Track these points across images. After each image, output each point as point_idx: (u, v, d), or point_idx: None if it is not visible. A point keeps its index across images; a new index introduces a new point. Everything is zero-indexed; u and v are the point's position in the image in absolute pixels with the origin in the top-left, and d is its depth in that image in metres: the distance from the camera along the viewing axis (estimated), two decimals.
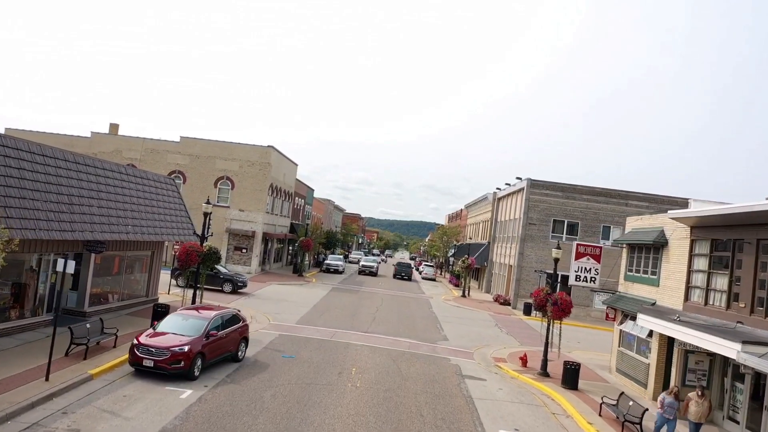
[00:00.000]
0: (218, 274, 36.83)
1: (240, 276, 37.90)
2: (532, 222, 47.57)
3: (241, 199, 49.95)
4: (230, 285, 36.82)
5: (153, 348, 16.89)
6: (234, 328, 19.94)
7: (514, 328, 36.92)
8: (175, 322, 18.48)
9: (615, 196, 47.58)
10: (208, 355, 17.95)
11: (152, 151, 50.83)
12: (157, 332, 17.88)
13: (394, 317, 34.96)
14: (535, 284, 46.97)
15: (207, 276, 36.29)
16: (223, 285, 36.75)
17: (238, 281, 37.12)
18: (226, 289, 36.64)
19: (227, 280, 36.93)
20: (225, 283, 36.84)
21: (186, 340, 17.28)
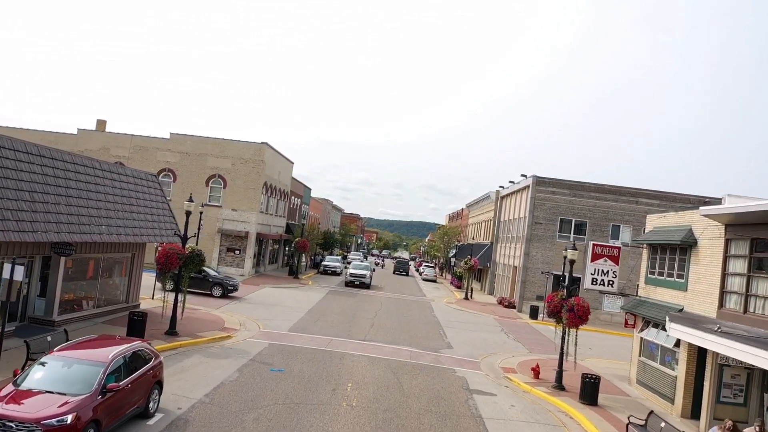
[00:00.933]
0: (207, 277, 34.76)
1: (231, 279, 35.80)
2: (538, 221, 45.47)
3: (234, 198, 47.83)
4: (220, 289, 34.72)
5: (10, 421, 10.39)
6: (143, 372, 13.39)
7: (522, 334, 34.82)
8: (52, 371, 11.84)
9: (625, 193, 45.49)
10: (106, 420, 11.72)
11: (141, 149, 48.71)
12: (20, 390, 11.28)
13: (394, 322, 32.86)
14: (542, 286, 44.90)
15: (195, 279, 34.29)
16: (213, 289, 34.66)
17: (229, 284, 35.02)
18: (215, 293, 34.54)
19: (217, 283, 34.83)
20: (214, 286, 34.73)
21: (68, 403, 10.97)
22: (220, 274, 36.38)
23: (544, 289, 44.40)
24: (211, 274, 35.31)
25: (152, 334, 22.15)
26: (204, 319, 26.78)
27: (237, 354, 21.27)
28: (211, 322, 26.47)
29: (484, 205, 68.12)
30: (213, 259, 47.48)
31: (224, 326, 25.98)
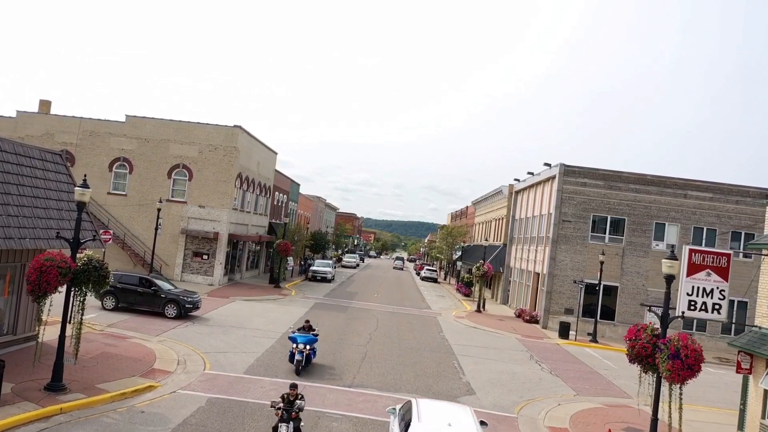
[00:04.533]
0: (158, 292, 27.02)
1: (189, 295, 27.88)
2: (567, 219, 37.74)
3: (202, 192, 40.05)
4: (175, 307, 26.91)
5: None
6: None
7: (558, 363, 27.11)
8: None
9: (670, 185, 37.78)
10: None
11: (91, 134, 40.91)
12: None
13: (393, 351, 25.12)
14: (572, 297, 37.20)
15: (144, 295, 26.72)
16: (166, 307, 26.89)
17: (186, 302, 27.21)
18: (169, 313, 26.77)
19: (171, 300, 27.02)
20: (168, 304, 26.94)
21: None
22: (176, 288, 28.56)
23: (576, 301, 36.68)
24: (164, 288, 27.57)
25: (23, 389, 14.43)
26: (126, 356, 19.00)
27: (150, 424, 13.53)
28: (134, 360, 18.70)
29: (495, 201, 60.39)
30: (176, 265, 39.67)
31: (152, 367, 18.25)
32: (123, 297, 26.93)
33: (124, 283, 27.00)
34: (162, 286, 27.65)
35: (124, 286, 26.96)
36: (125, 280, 27.18)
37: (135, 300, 27.00)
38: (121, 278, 27.08)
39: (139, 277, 27.85)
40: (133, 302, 26.96)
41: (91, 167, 40.63)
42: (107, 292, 26.35)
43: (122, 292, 26.92)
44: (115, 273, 27.44)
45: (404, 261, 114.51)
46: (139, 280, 27.44)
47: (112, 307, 26.86)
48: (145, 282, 27.40)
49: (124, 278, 27.24)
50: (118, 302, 26.90)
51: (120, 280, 26.93)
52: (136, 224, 40.11)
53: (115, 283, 26.52)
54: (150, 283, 27.40)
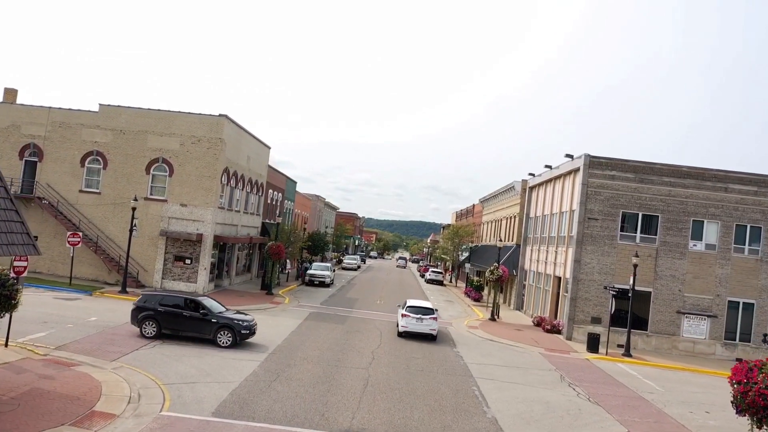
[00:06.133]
0: (208, 317, 22.48)
1: (244, 319, 23.17)
2: (593, 216, 33.57)
3: (184, 189, 35.93)
4: (229, 334, 22.39)
5: None
6: None
7: (594, 385, 22.97)
8: None
9: (709, 177, 33.60)
10: None
11: (62, 125, 36.82)
12: None
13: (401, 375, 20.98)
14: (599, 305, 33.05)
15: (191, 320, 22.19)
16: (218, 334, 22.41)
17: (242, 327, 22.62)
18: (222, 341, 22.35)
19: (224, 326, 22.44)
20: (220, 330, 22.41)
21: None
22: (226, 310, 23.76)
23: (604, 309, 32.54)
24: (214, 311, 22.92)
25: None
26: (61, 394, 14.88)
27: None
28: (70, 400, 14.58)
29: (506, 198, 56.22)
30: (155, 271, 35.56)
31: (92, 409, 14.16)
32: (165, 322, 22.37)
33: (166, 306, 22.53)
34: (212, 308, 23.03)
35: (167, 309, 22.45)
36: (168, 302, 22.68)
37: (180, 326, 22.49)
38: (162, 300, 22.76)
39: (184, 298, 23.16)
40: (177, 328, 22.50)
41: (61, 162, 36.60)
42: (147, 317, 22.24)
43: (164, 316, 22.36)
44: (155, 293, 23.42)
45: (407, 261, 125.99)
46: (184, 301, 22.87)
47: (152, 334, 22.29)
48: (192, 304, 22.81)
49: (166, 300, 22.81)
50: (160, 328, 22.33)
51: (162, 302, 22.60)
52: (111, 225, 36.01)
53: (154, 305, 22.46)
54: (197, 305, 22.75)
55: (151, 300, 22.85)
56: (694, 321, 33.13)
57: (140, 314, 22.50)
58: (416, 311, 28.87)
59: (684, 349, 32.95)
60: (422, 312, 28.85)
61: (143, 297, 23.22)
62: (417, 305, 29.50)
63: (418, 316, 28.55)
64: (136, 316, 22.63)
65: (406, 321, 28.64)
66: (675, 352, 32.83)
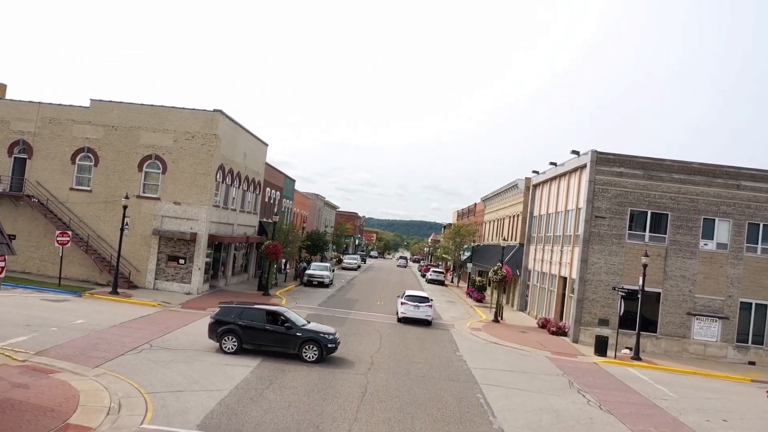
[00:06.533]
0: (292, 330, 21.16)
1: (329, 333, 21.88)
2: (600, 214, 32.45)
3: (177, 187, 34.84)
4: (315, 348, 21.08)
5: None
6: None
7: (604, 391, 21.86)
8: None
9: (720, 174, 32.47)
10: None
11: (52, 121, 35.75)
12: None
13: (401, 382, 19.86)
14: (607, 306, 31.93)
15: (274, 334, 20.91)
16: (303, 349, 21.03)
17: (328, 341, 21.35)
18: (308, 355, 21.00)
19: (309, 339, 21.12)
20: (306, 345, 21.06)
21: None
22: (308, 322, 22.43)
23: (612, 310, 31.44)
24: (298, 324, 21.60)
25: None
26: (34, 405, 13.79)
27: None
28: (43, 412, 13.49)
29: (509, 196, 55.10)
30: (148, 271, 34.48)
31: (67, 422, 13.09)
32: (247, 336, 21.05)
33: (247, 319, 21.22)
34: (296, 321, 21.78)
35: (248, 322, 21.13)
36: (248, 315, 21.32)
37: (262, 340, 21.19)
38: (242, 313, 21.37)
39: (265, 310, 21.81)
40: (260, 343, 21.20)
41: (51, 159, 35.54)
42: (227, 332, 20.95)
43: (245, 330, 21.03)
44: (233, 306, 21.93)
45: (407, 260, 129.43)
46: (266, 314, 21.54)
47: (233, 349, 20.86)
48: (274, 316, 21.51)
49: (246, 313, 21.43)
50: (241, 343, 20.97)
51: (242, 315, 21.24)
52: (103, 224, 34.92)
53: (234, 318, 21.13)
54: (280, 317, 21.44)
55: (230, 313, 21.29)
56: (705, 323, 32.00)
57: (219, 328, 20.96)
58: (413, 299, 32.88)
59: (694, 351, 31.83)
60: (419, 300, 32.90)
61: (221, 310, 21.58)
62: (414, 294, 33.67)
63: (415, 304, 32.54)
64: (214, 331, 21.07)
65: (404, 308, 32.65)
66: (685, 355, 31.71)
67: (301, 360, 20.84)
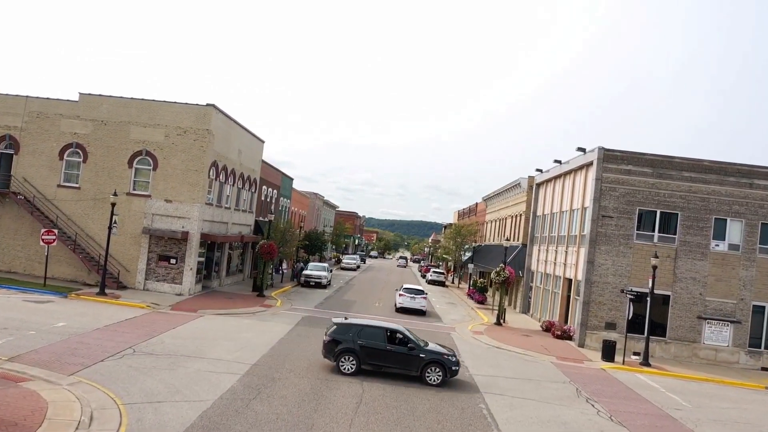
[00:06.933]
0: (415, 351, 19.80)
1: (451, 354, 20.49)
2: (607, 214, 31.23)
3: (168, 184, 33.63)
4: (439, 371, 19.72)
5: None
6: None
7: (614, 400, 20.65)
8: None
9: (733, 172, 31.25)
10: None
11: (39, 116, 34.55)
12: None
13: (399, 390, 18.63)
14: (614, 309, 30.72)
15: (396, 355, 19.59)
16: (426, 371, 19.67)
17: (452, 363, 19.99)
18: (431, 378, 19.63)
19: (433, 361, 19.76)
20: (429, 367, 19.69)
21: None
22: (427, 343, 20.92)
23: (620, 314, 30.24)
24: (420, 344, 20.27)
25: None
26: None
27: None
28: (5, 425, 12.28)
29: (511, 196, 53.87)
30: (138, 271, 33.27)
31: None
32: (366, 357, 19.75)
33: (366, 338, 19.92)
34: (417, 340, 20.46)
35: (368, 342, 19.83)
36: (368, 335, 20.00)
37: (383, 361, 19.88)
38: (361, 332, 20.03)
39: (385, 328, 20.47)
40: (380, 364, 19.91)
41: (38, 155, 34.35)
42: (345, 351, 19.60)
43: (365, 350, 19.72)
44: (350, 323, 20.50)
45: (407, 260, 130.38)
46: (386, 333, 20.22)
47: (352, 370, 19.54)
48: (395, 336, 20.23)
49: (366, 332, 20.10)
50: (360, 363, 19.67)
51: (361, 335, 19.93)
52: (92, 222, 33.72)
53: (353, 337, 19.83)
54: (401, 337, 20.15)
55: (347, 331, 19.95)
56: (716, 327, 30.78)
57: (337, 348, 19.65)
58: (410, 292, 37.52)
59: (705, 357, 30.60)
60: (414, 293, 37.52)
61: (338, 328, 20.19)
62: (410, 288, 38.38)
63: (411, 296, 37.13)
64: (331, 350, 19.73)
65: (402, 299, 37.16)
66: (695, 361, 30.49)
67: (423, 383, 19.50)
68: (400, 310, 36.96)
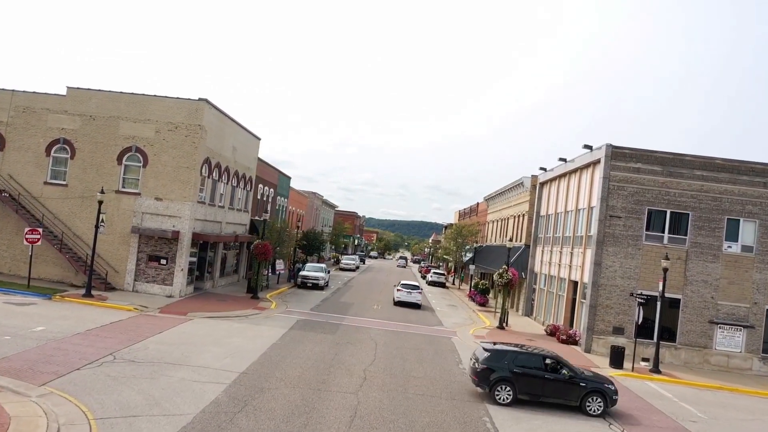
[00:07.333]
0: (575, 380, 18.75)
1: (609, 381, 19.58)
2: (615, 214, 29.98)
3: (159, 181, 32.38)
4: (600, 401, 18.62)
5: None
6: None
7: (625, 410, 19.37)
8: None
9: (746, 171, 30.00)
10: None
11: (26, 110, 33.30)
12: None
13: (397, 402, 17.38)
14: (622, 313, 29.46)
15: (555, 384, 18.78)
16: (586, 401, 18.63)
17: (613, 392, 18.85)
18: (592, 408, 18.55)
19: (594, 391, 18.68)
20: (590, 396, 18.64)
21: None
22: (584, 371, 19.95)
23: (629, 318, 29.00)
24: (579, 373, 19.25)
25: None
26: None
27: None
28: None
29: (514, 195, 52.62)
30: (127, 272, 32.03)
31: None
32: (523, 386, 18.56)
33: (523, 366, 18.80)
34: (575, 368, 19.49)
35: (524, 369, 18.71)
36: (524, 362, 18.93)
37: (541, 390, 18.72)
38: (517, 359, 18.93)
39: (542, 355, 19.36)
40: (538, 393, 18.73)
41: (25, 151, 33.11)
42: (501, 380, 18.36)
43: (522, 378, 18.59)
44: (503, 349, 19.28)
45: (407, 260, 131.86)
46: (542, 360, 19.12)
47: (508, 400, 18.34)
48: (552, 363, 19.08)
49: (521, 359, 19.01)
50: (516, 393, 18.47)
51: (517, 362, 18.82)
52: (79, 221, 32.48)
53: (509, 364, 18.64)
54: (559, 364, 19.05)
55: (502, 358, 18.82)
56: (728, 332, 29.53)
57: (492, 376, 18.45)
58: (407, 287, 41.90)
59: (717, 363, 29.35)
60: (411, 288, 41.94)
61: (492, 354, 18.98)
62: (407, 283, 42.98)
63: (408, 291, 41.38)
64: (486, 378, 18.53)
65: (399, 294, 41.31)
66: (707, 367, 29.23)
67: (583, 413, 18.38)
68: (398, 304, 41.04)
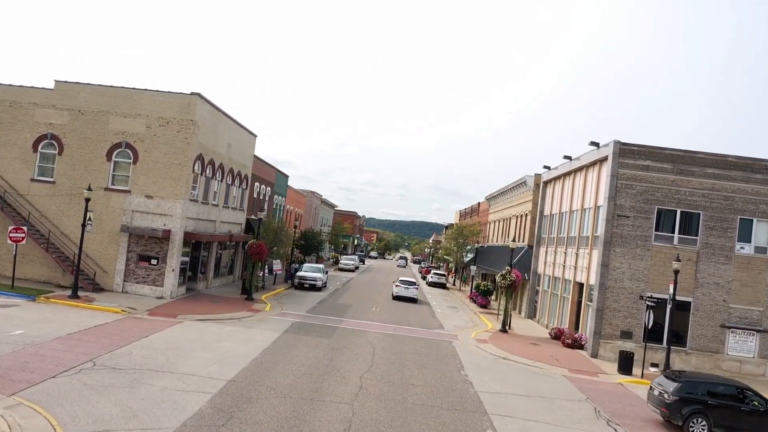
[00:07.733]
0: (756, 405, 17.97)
1: None
2: (623, 213, 28.83)
3: (150, 178, 31.24)
4: None
5: None
6: None
7: (637, 423, 18.29)
8: None
9: (760, 169, 28.87)
10: None
11: (12, 105, 32.19)
12: None
13: (395, 413, 16.23)
14: (630, 317, 28.32)
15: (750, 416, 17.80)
16: None
17: None
18: None
19: None
20: None
21: None
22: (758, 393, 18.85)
23: (637, 321, 27.88)
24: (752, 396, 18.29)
25: None
26: None
27: None
28: None
29: (516, 195, 51.47)
30: (116, 272, 30.90)
31: None
32: (718, 418, 17.57)
33: (716, 397, 17.80)
34: None
35: (718, 401, 17.71)
36: (717, 391, 17.95)
37: (737, 422, 17.73)
38: (710, 388, 17.95)
39: (735, 386, 18.40)
40: (734, 426, 17.72)
41: (11, 146, 32.00)
42: (696, 413, 17.34)
43: (717, 411, 17.58)
44: (696, 380, 18.33)
45: (407, 260, 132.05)
46: (736, 391, 18.15)
47: None
48: (745, 394, 18.07)
49: (714, 389, 18.00)
50: (711, 426, 17.51)
51: (710, 391, 17.84)
52: (67, 219, 31.35)
53: (701, 395, 17.78)
54: (749, 395, 18.02)
55: (695, 389, 17.88)
56: (741, 336, 28.39)
57: (686, 408, 17.46)
58: (405, 283, 45.83)
59: (728, 369, 28.18)
60: (408, 284, 45.85)
61: (683, 385, 17.94)
62: (405, 279, 46.95)
63: (405, 286, 45.37)
64: (679, 410, 17.53)
65: (398, 289, 45.15)
66: (718, 373, 28.03)
67: None
68: (396, 298, 44.91)
